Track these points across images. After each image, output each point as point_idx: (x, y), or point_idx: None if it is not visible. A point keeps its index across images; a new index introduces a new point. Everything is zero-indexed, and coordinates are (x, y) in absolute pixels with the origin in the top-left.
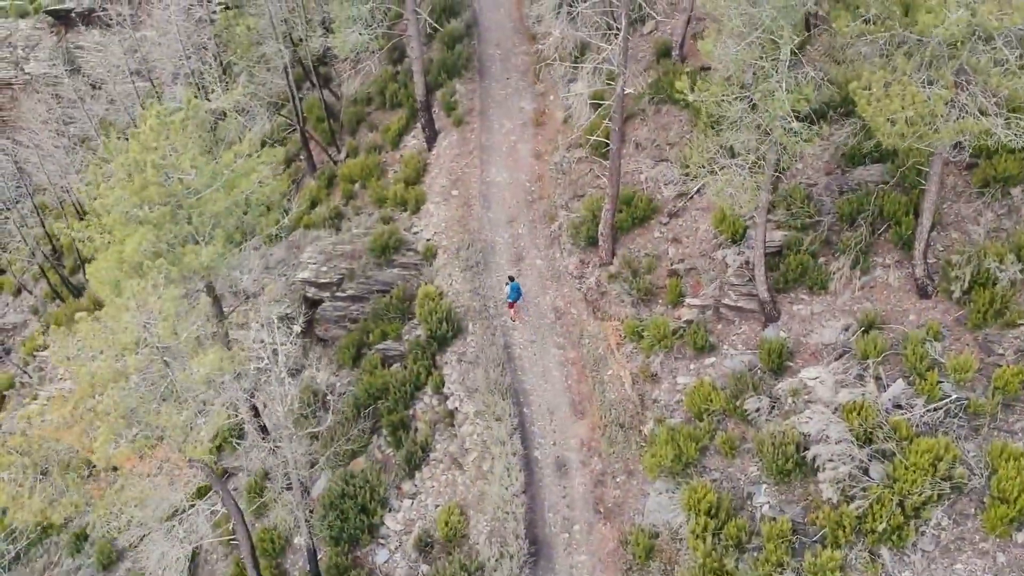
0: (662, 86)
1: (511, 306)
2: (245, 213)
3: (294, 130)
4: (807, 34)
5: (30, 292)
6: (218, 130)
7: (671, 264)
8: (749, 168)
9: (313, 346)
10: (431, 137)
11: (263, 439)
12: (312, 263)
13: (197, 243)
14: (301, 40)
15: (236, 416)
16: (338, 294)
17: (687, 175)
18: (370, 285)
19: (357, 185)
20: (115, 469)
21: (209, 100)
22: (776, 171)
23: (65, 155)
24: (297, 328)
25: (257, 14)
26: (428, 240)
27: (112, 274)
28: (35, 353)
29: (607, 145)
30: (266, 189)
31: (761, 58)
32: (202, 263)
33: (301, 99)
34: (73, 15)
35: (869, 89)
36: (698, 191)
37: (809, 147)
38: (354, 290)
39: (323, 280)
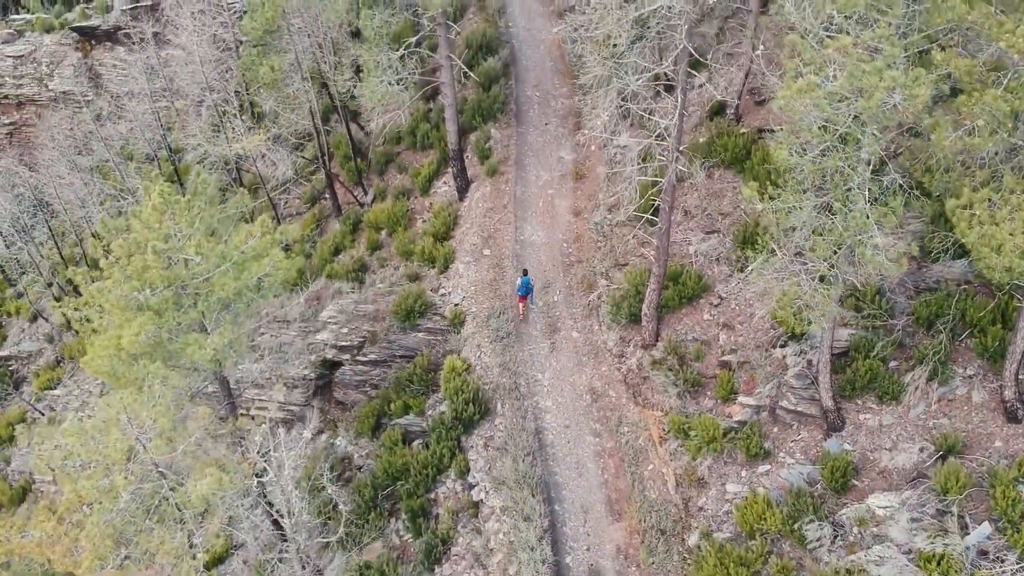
0: (715, 148)
1: (521, 300)
2: (257, 295)
3: (319, 168)
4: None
5: (46, 319)
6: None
7: (722, 354)
8: (819, 277)
9: (331, 408)
10: (463, 187)
11: (273, 534)
12: (333, 323)
13: (204, 329)
14: (328, 79)
15: (236, 535)
16: (359, 358)
17: (744, 255)
18: (393, 350)
19: (384, 233)
20: None
21: (230, 140)
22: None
23: (83, 185)
24: (307, 434)
25: (282, 51)
26: (456, 305)
27: (109, 364)
28: (47, 390)
29: (654, 211)
30: (280, 272)
31: (842, 160)
32: (206, 356)
33: (328, 132)
34: (99, 31)
35: (970, 209)
36: (754, 270)
37: (897, 270)
38: (376, 355)
39: (343, 343)
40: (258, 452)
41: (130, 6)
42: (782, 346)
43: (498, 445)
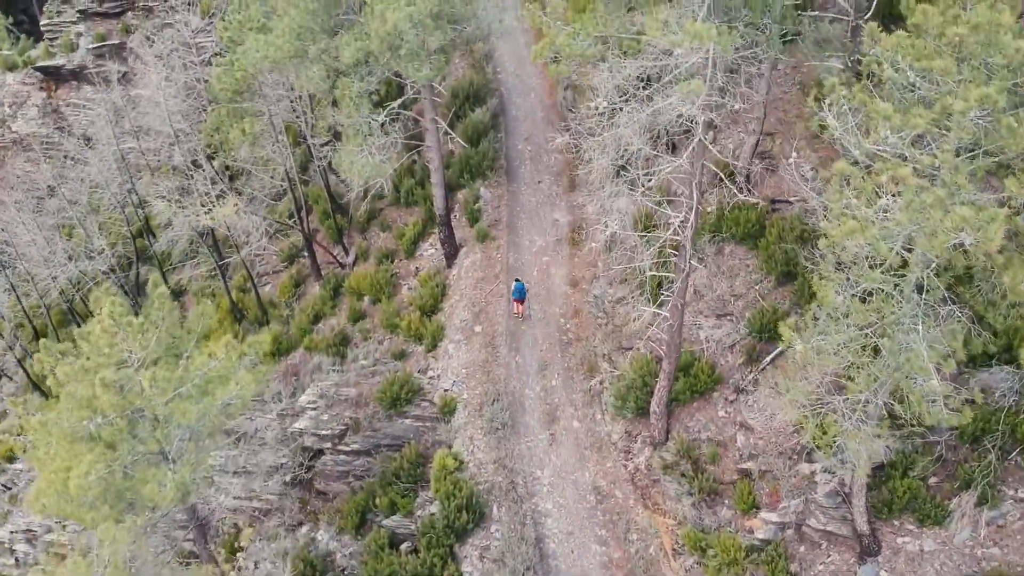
0: (726, 222)
1: (517, 303)
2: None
3: (295, 223)
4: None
5: (10, 379)
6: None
7: (740, 458)
8: (863, 415)
9: (312, 499)
10: (451, 253)
11: None
12: (312, 408)
13: (167, 457)
14: (305, 139)
15: None
16: (341, 447)
17: (758, 338)
18: (378, 439)
19: (366, 300)
20: None
21: (198, 211)
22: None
23: (46, 244)
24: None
25: (255, 112)
26: (446, 391)
27: (56, 504)
28: (9, 462)
29: (660, 288)
30: (247, 392)
31: (894, 293)
32: (167, 496)
33: (306, 183)
34: (64, 71)
35: None
36: (772, 361)
37: (960, 421)
38: (359, 444)
39: (324, 431)
40: None
41: (95, 45)
42: (809, 460)
43: (495, 556)
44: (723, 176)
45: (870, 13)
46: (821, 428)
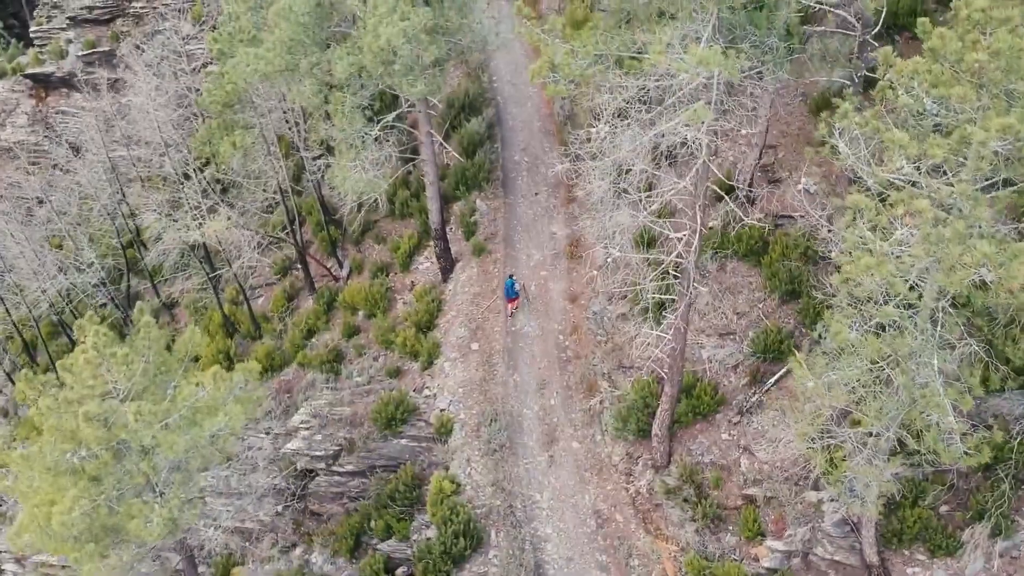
0: (728, 239)
1: (510, 302)
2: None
3: (289, 234)
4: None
5: (0, 391)
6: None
7: (744, 483)
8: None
9: (306, 520)
10: (447, 267)
11: None
12: (305, 428)
13: (153, 489)
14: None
15: None
16: (335, 468)
17: (762, 359)
18: (373, 460)
19: (361, 315)
20: None
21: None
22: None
23: (35, 256)
24: None
25: (246, 125)
26: (443, 410)
27: (40, 540)
28: None
29: (661, 309)
30: (237, 423)
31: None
32: (153, 532)
33: (299, 193)
34: (54, 78)
35: None
36: (776, 383)
37: (979, 461)
38: (354, 465)
39: (317, 452)
40: None
41: (85, 52)
42: (815, 488)
43: None
44: (725, 195)
45: (877, 28)
46: (830, 462)
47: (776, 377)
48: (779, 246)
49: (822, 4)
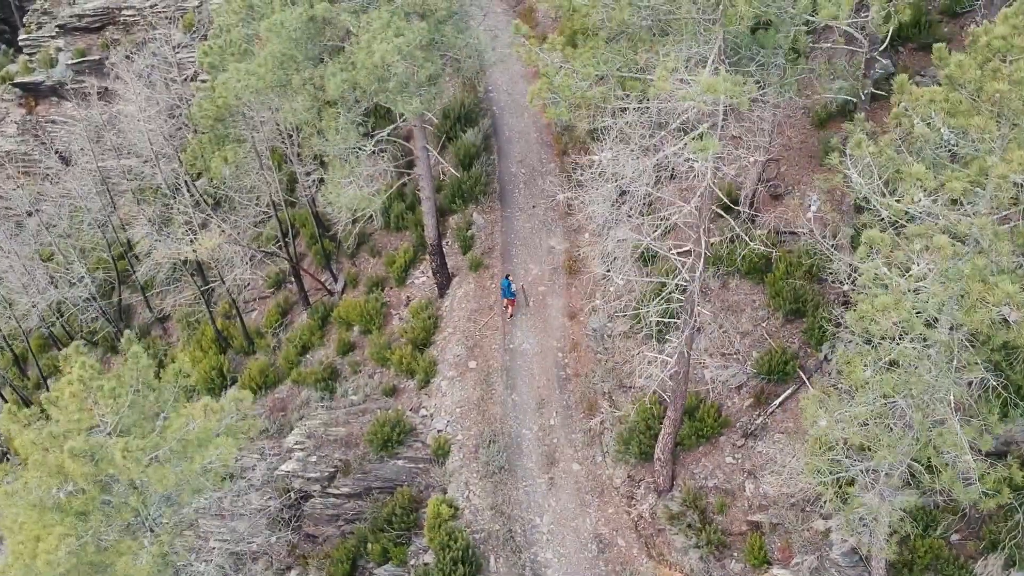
0: (732, 256)
1: (509, 302)
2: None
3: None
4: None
5: None
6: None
7: (749, 508)
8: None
9: (300, 542)
10: (443, 283)
11: None
12: (299, 449)
13: (143, 525)
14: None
15: None
16: (330, 490)
17: (766, 380)
18: (369, 481)
19: (356, 331)
20: None
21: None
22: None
23: (25, 270)
24: None
25: (238, 140)
26: (440, 432)
27: None
28: None
29: (664, 330)
30: (228, 455)
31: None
32: (142, 571)
33: (292, 204)
34: (43, 87)
35: None
36: (780, 404)
37: (997, 504)
38: (350, 487)
39: (312, 474)
40: None
41: (75, 60)
42: (823, 516)
43: None
44: (726, 213)
45: (884, 45)
46: (841, 498)
47: (781, 399)
48: (783, 264)
49: (831, 23)
